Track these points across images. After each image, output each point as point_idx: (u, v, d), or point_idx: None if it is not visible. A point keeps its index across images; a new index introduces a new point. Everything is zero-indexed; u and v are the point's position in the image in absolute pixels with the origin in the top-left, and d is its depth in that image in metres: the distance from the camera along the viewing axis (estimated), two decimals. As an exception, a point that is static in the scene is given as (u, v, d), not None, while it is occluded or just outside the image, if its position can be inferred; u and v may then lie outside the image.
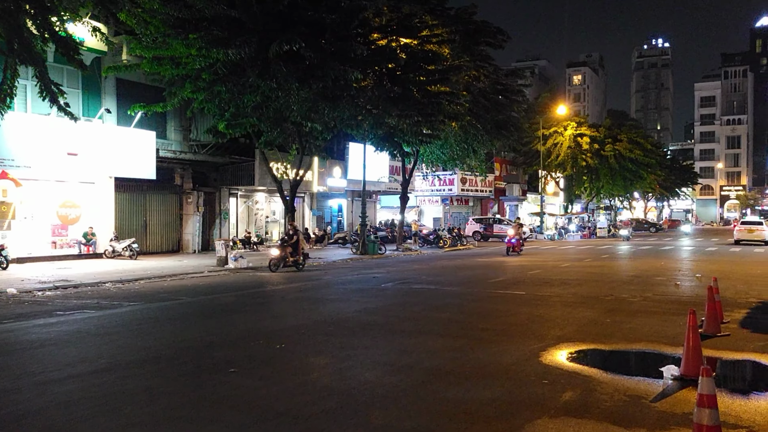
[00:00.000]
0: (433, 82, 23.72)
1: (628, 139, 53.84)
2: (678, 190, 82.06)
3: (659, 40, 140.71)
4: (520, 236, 28.09)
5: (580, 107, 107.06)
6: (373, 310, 11.62)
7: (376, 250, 28.15)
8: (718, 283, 10.25)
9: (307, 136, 24.75)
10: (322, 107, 21.63)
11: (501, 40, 30.38)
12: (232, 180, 29.87)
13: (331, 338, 8.87)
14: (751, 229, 35.90)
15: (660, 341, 8.68)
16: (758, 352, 8.04)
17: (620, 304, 12.13)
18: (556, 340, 8.76)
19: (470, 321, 10.36)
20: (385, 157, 34.29)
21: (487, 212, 53.12)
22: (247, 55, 19.62)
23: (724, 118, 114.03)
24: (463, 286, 15.36)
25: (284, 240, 20.30)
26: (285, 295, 13.99)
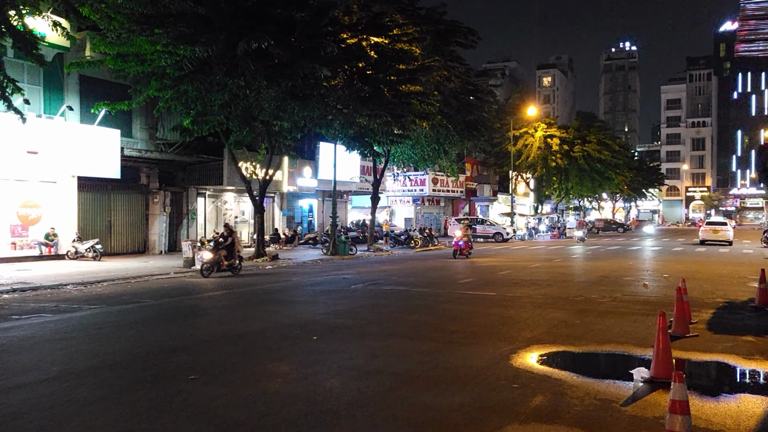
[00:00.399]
0: (404, 82, 23.56)
1: (597, 140, 54.45)
2: (645, 190, 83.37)
3: (626, 43, 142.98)
4: (469, 238, 26.52)
5: (549, 109, 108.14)
6: (341, 312, 11.40)
7: (347, 250, 27.92)
8: (686, 283, 10.25)
9: (276, 135, 24.38)
10: (292, 106, 21.33)
11: (472, 40, 30.36)
12: (200, 179, 29.33)
13: (298, 342, 8.63)
14: (716, 230, 36.51)
15: (629, 342, 8.63)
16: (726, 352, 8.03)
17: (590, 305, 12.10)
18: (527, 342, 8.65)
19: (440, 323, 10.21)
20: (356, 157, 34.01)
21: (459, 212, 53.22)
22: (215, 52, 19.23)
23: (689, 121, 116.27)
24: (434, 287, 15.22)
25: (217, 242, 18.56)
26: (252, 297, 13.69)
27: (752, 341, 8.76)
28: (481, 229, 42.30)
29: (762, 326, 9.93)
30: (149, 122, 26.64)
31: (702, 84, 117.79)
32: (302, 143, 34.24)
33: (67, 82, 23.17)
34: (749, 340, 8.81)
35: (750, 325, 10.03)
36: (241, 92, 20.37)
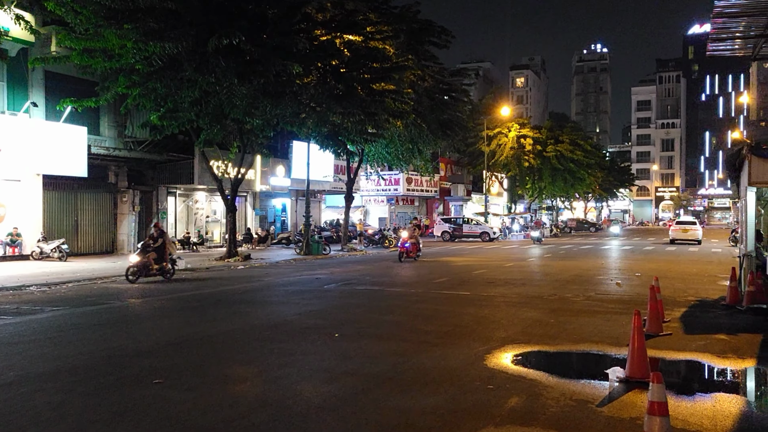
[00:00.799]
0: (378, 80, 23.39)
1: (570, 140, 54.95)
2: (616, 191, 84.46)
3: (598, 45, 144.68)
4: (417, 239, 24.36)
5: (522, 109, 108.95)
6: (314, 312, 11.19)
7: (321, 250, 27.67)
8: (658, 281, 10.25)
9: (248, 133, 24.03)
10: (264, 104, 21.03)
11: (445, 39, 30.28)
12: (171, 178, 28.81)
13: (268, 344, 8.40)
14: (686, 229, 37.06)
15: (604, 341, 8.57)
16: (700, 351, 8.02)
17: (564, 304, 12.07)
18: (501, 342, 8.54)
19: (414, 323, 10.06)
20: (329, 156, 33.72)
21: (433, 212, 53.24)
22: (185, 48, 18.88)
23: (659, 122, 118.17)
24: (408, 287, 15.09)
25: (146, 245, 16.65)
26: (222, 298, 13.40)
27: (725, 339, 8.77)
28: (467, 228, 42.25)
29: (733, 324, 9.97)
30: (117, 120, 26.06)
31: (671, 86, 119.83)
32: (275, 142, 33.89)
33: (31, 77, 22.53)
34: (722, 339, 8.82)
35: (722, 324, 10.06)
36: (212, 89, 20.02)
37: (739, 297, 11.85)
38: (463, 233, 42.06)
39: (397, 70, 24.09)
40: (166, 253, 16.84)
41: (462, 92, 34.46)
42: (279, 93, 20.87)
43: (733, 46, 10.14)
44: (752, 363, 7.46)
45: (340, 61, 22.48)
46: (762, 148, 12.32)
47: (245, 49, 19.14)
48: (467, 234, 41.85)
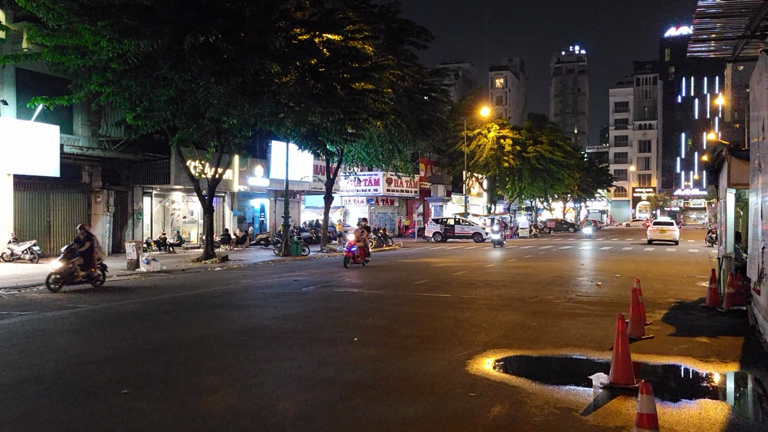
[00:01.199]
0: (357, 80, 23.17)
1: (549, 141, 55.21)
2: (594, 191, 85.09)
3: (576, 47, 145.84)
4: (365, 243, 21.87)
5: (502, 110, 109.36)
6: (292, 316, 10.94)
7: (300, 251, 27.37)
8: (639, 284, 10.17)
9: (225, 133, 23.66)
10: (242, 103, 20.70)
11: (425, 39, 30.16)
12: (147, 178, 28.31)
13: (243, 350, 8.15)
14: (663, 230, 37.36)
15: (586, 345, 8.45)
16: (682, 355, 7.93)
17: (545, 306, 11.96)
18: (483, 346, 8.38)
19: (394, 327, 9.87)
20: (309, 156, 33.42)
21: (413, 213, 53.13)
22: (160, 46, 18.48)
23: (636, 123, 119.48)
24: (387, 289, 14.89)
25: (71, 249, 14.90)
26: (197, 301, 13.07)
27: (706, 342, 8.70)
28: (459, 229, 41.97)
29: (714, 327, 9.92)
30: (91, 118, 25.53)
31: (648, 88, 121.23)
32: (254, 142, 33.52)
33: (2, 75, 21.96)
34: (703, 342, 8.75)
35: (703, 326, 10.01)
36: (188, 88, 19.65)
37: (719, 299, 11.84)
38: (455, 234, 41.73)
39: (376, 70, 23.90)
40: (94, 258, 15.22)
41: (442, 92, 34.38)
42: (257, 92, 20.57)
43: (713, 47, 10.10)
44: (735, 367, 7.37)
45: (319, 60, 22.22)
46: (741, 150, 12.34)
47: (222, 48, 18.80)
48: (459, 234, 41.55)
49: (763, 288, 8.96)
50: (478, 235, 41.50)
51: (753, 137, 9.87)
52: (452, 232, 41.85)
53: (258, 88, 20.42)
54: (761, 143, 8.57)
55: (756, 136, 9.45)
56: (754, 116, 9.64)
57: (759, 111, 9.03)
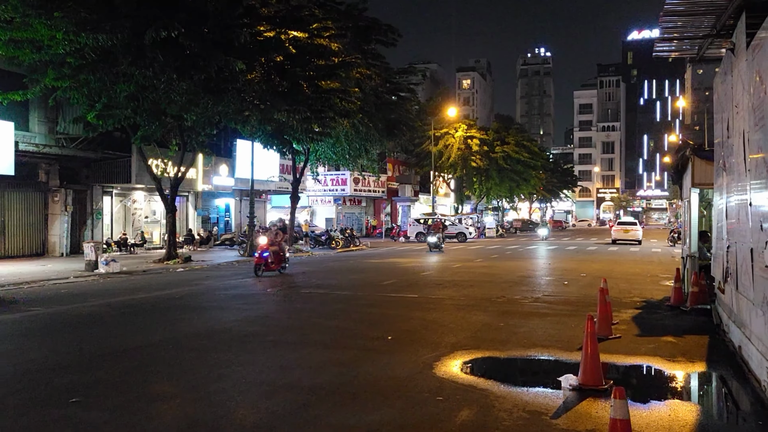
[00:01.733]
0: (324, 78, 22.87)
1: (516, 141, 55.61)
2: (560, 192, 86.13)
3: (542, 49, 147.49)
4: (281, 246, 18.92)
5: (469, 110, 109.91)
6: (255, 318, 10.64)
7: (265, 251, 26.92)
8: (606, 283, 10.14)
9: (188, 131, 23.12)
10: (205, 100, 20.26)
11: (392, 38, 30.01)
12: (107, 177, 27.55)
13: (203, 354, 7.84)
14: (627, 230, 37.88)
15: (555, 346, 8.35)
16: (650, 355, 7.88)
17: (513, 306, 11.88)
18: (451, 348, 8.22)
19: (360, 329, 9.65)
20: (275, 155, 32.97)
21: (380, 213, 52.97)
22: (120, 41, 17.96)
23: (600, 125, 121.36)
24: (354, 290, 14.66)
25: None
26: (157, 303, 12.66)
27: (673, 342, 8.69)
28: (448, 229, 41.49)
29: (680, 326, 9.94)
30: (49, 115, 24.69)
31: (612, 90, 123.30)
32: (219, 140, 32.91)
33: (-48, 69, 21.09)
34: (670, 341, 8.73)
35: (668, 325, 10.02)
36: (149, 83, 19.13)
37: (684, 297, 11.91)
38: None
39: (343, 68, 23.65)
40: None
41: (409, 91, 34.25)
42: (221, 89, 20.16)
43: (678, 47, 10.12)
44: (702, 367, 7.34)
45: (285, 57, 21.86)
46: (705, 151, 12.44)
47: (185, 43, 18.35)
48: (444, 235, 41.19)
49: (727, 287, 8.99)
50: (462, 234, 41.79)
51: (717, 137, 9.91)
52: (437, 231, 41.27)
53: (222, 85, 20.00)
54: (725, 143, 8.59)
55: (720, 137, 9.49)
56: (718, 116, 9.67)
57: (723, 111, 9.06)
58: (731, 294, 8.65)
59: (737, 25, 7.59)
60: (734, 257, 8.01)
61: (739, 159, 7.41)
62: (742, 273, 7.45)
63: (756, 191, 6.44)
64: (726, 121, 8.59)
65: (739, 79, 7.39)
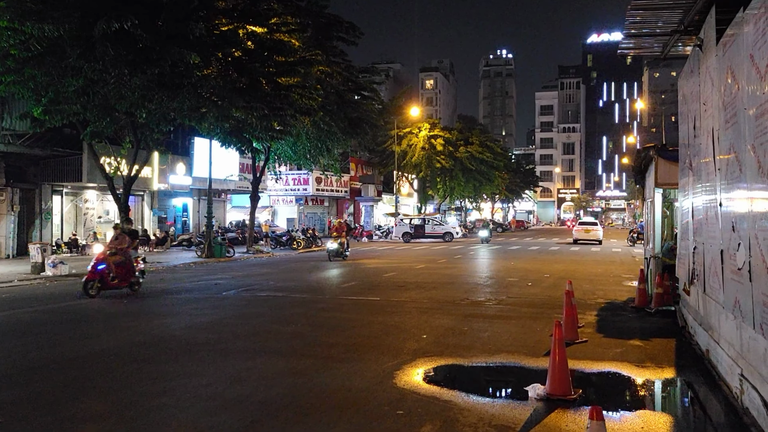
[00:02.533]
0: (283, 74, 22.28)
1: (480, 142, 55.70)
2: (522, 192, 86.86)
3: (504, 50, 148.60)
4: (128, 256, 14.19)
5: (432, 111, 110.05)
6: (206, 325, 10.07)
7: (224, 252, 26.23)
8: (565, 283, 9.90)
9: (142, 127, 22.27)
10: (159, 96, 19.48)
11: (354, 35, 29.57)
12: (56, 175, 26.46)
13: (146, 366, 7.28)
14: (588, 230, 38.18)
15: (520, 351, 8.04)
16: (618, 360, 7.61)
17: (477, 309, 11.56)
18: (413, 354, 7.83)
19: (318, 335, 9.19)
20: (234, 153, 32.26)
21: (343, 213, 52.46)
22: (68, 32, 17.12)
23: (560, 126, 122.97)
24: (314, 293, 14.18)
25: None
26: (105, 308, 11.97)
27: (640, 346, 8.46)
28: (429, 229, 41.82)
29: (646, 328, 9.75)
30: (-7, 110, 23.56)
31: (572, 92, 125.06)
32: (175, 138, 32.02)
33: None
34: (637, 345, 8.50)
35: (634, 328, 9.83)
36: (99, 77, 18.28)
37: (648, 299, 11.77)
38: (425, 233, 41.37)
39: (303, 64, 23.09)
40: None
41: (372, 90, 33.83)
42: (176, 84, 19.42)
43: (644, 45, 9.94)
44: (671, 373, 7.10)
45: (243, 52, 21.24)
46: (668, 151, 12.33)
47: (137, 36, 17.60)
48: (429, 234, 41.22)
49: (693, 289, 8.82)
50: (449, 234, 41.73)
51: (682, 138, 9.75)
52: (422, 231, 41.54)
53: (177, 80, 19.28)
54: (692, 142, 8.40)
55: (686, 137, 9.33)
56: (683, 116, 9.51)
57: (688, 110, 8.88)
58: (697, 296, 8.47)
59: (706, 20, 7.38)
60: (701, 258, 7.81)
61: (707, 158, 7.20)
62: (710, 275, 7.24)
63: (726, 191, 6.21)
64: (693, 120, 8.40)
65: (708, 76, 7.18)
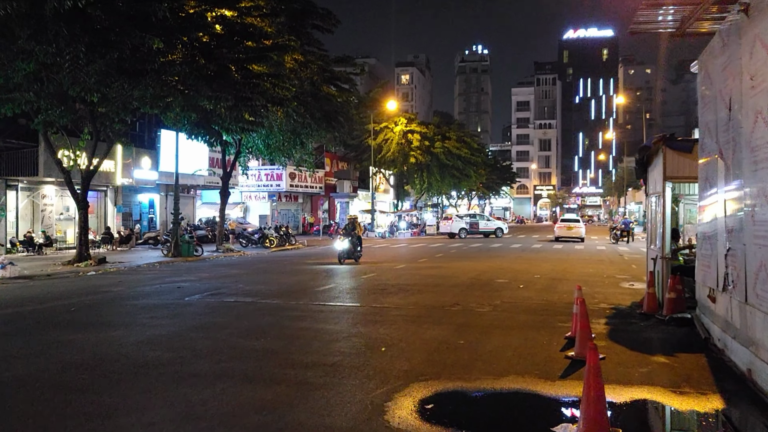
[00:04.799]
0: (255, 60, 20.84)
1: (457, 137, 54.69)
2: (499, 188, 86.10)
3: (479, 46, 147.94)
4: None
5: (408, 106, 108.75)
6: (161, 339, 8.67)
7: (191, 251, 24.72)
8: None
9: (101, 117, 20.67)
10: (119, 83, 17.93)
11: (330, 23, 28.17)
12: (10, 169, 24.74)
13: (78, 397, 5.88)
14: (570, 227, 37.28)
15: (530, 372, 6.81)
16: (647, 384, 6.41)
17: (470, 317, 10.32)
18: (404, 378, 6.55)
19: (291, 352, 7.86)
20: (204, 147, 30.65)
21: (318, 209, 51.02)
22: (15, 10, 15.48)
23: (537, 122, 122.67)
24: (287, 298, 12.82)
25: None
26: (44, 318, 10.47)
27: (667, 363, 7.29)
28: (483, 225, 43.18)
29: (665, 340, 8.62)
30: (-62, 98, 21.67)
31: (548, 88, 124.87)
32: (141, 131, 30.41)
33: None
34: (663, 362, 7.33)
35: (651, 339, 8.69)
36: (51, 60, 16.66)
37: (657, 304, 10.66)
38: (479, 230, 42.61)
39: (276, 49, 21.65)
40: None
41: (347, 81, 32.40)
42: (137, 71, 17.93)
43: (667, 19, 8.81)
44: (719, 402, 5.90)
45: (210, 37, 19.75)
46: (678, 141, 11.24)
47: (94, 15, 16.06)
48: (482, 231, 42.52)
49: (722, 296, 7.70)
50: (500, 230, 43.59)
51: (706, 124, 8.63)
52: (477, 227, 42.83)
53: (138, 66, 17.77)
54: (728, 126, 7.24)
55: (711, 121, 8.19)
56: (709, 98, 8.38)
57: (719, 88, 7.73)
58: (729, 305, 7.34)
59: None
60: (741, 262, 6.66)
61: (758, 143, 6.03)
62: (758, 282, 6.09)
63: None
64: (727, 102, 7.24)
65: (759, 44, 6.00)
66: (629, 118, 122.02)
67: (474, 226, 42.82)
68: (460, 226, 42.62)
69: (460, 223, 43.07)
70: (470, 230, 42.46)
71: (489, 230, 43.07)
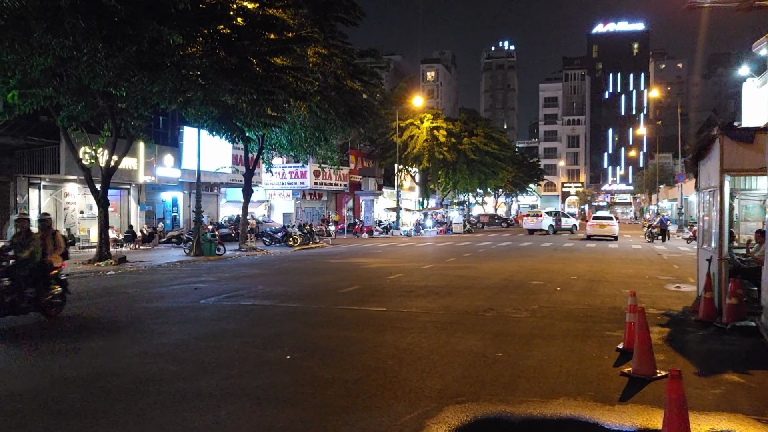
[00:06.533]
0: (277, 53, 20.10)
1: (484, 133, 53.56)
2: (526, 186, 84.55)
3: (506, 42, 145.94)
4: None
5: (433, 103, 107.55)
6: (167, 349, 7.93)
7: (213, 250, 24.12)
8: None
9: (121, 113, 20.15)
10: (140, 77, 17.36)
11: (355, 16, 27.36)
12: (33, 167, 24.36)
13: (63, 423, 5.13)
14: (603, 224, 35.96)
15: (584, 394, 5.90)
16: (726, 409, 5.47)
17: (506, 324, 9.41)
18: (437, 400, 5.70)
19: (311, 365, 7.06)
20: (227, 144, 30.18)
21: (342, 207, 50.33)
22: (31, 2, 14.97)
23: (565, 118, 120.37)
24: (308, 301, 12.04)
25: None
26: (46, 324, 9.82)
27: (743, 383, 6.32)
28: (564, 222, 45.27)
29: (733, 353, 7.63)
30: (-42, 95, 21.38)
31: (577, 83, 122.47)
32: (164, 128, 30.01)
33: None
34: (738, 382, 6.36)
35: (716, 352, 7.72)
36: (68, 54, 16.11)
37: (715, 310, 9.64)
38: (561, 226, 44.51)
39: (299, 42, 20.88)
40: None
41: (372, 74, 31.50)
42: (157, 64, 17.29)
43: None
44: (816, 433, 4.96)
45: (231, 29, 19.06)
46: (739, 129, 10.20)
47: (111, 7, 15.46)
48: (563, 227, 44.50)
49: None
50: (575, 227, 45.51)
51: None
52: (559, 224, 44.79)
53: (158, 60, 17.15)
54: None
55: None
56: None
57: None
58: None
59: None
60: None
61: None
62: None
63: None
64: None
65: None
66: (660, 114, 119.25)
67: (558, 223, 44.84)
68: (549, 223, 44.64)
69: (548, 220, 45.08)
70: (555, 227, 44.48)
71: (567, 227, 44.95)
